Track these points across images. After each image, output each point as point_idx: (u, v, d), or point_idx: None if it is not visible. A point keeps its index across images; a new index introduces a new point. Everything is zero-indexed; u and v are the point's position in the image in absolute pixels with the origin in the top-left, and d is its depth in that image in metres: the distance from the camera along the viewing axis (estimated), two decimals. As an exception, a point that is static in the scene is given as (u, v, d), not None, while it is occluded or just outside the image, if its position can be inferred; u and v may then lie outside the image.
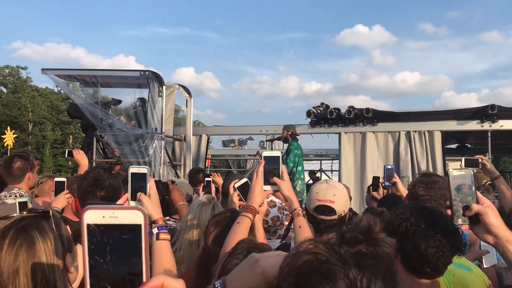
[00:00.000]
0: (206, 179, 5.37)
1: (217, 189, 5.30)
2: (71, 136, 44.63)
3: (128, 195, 1.85)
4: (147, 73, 9.00)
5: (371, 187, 4.31)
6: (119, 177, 5.32)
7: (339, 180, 9.96)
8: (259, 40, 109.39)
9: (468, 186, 1.43)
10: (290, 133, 8.21)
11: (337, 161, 12.06)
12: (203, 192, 4.85)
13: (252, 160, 17.14)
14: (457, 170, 1.46)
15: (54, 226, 1.31)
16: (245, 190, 2.67)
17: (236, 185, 2.68)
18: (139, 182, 1.85)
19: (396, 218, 1.62)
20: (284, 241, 2.69)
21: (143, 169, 1.88)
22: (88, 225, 0.87)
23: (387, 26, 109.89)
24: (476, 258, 2.60)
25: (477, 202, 1.42)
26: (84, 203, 2.17)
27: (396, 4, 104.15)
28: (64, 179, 3.31)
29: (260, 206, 1.89)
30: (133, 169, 1.88)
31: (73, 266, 1.36)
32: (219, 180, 5.45)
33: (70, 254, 1.35)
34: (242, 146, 17.17)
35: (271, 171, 1.88)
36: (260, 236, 1.99)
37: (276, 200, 2.83)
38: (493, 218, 1.37)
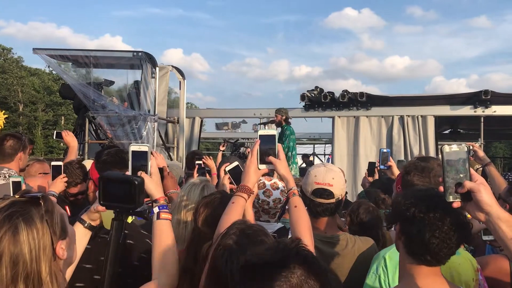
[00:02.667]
0: (197, 162, 5.32)
1: (208, 171, 5.29)
2: (63, 117, 44.27)
3: (129, 173, 1.81)
4: (140, 54, 8.87)
5: (367, 172, 4.34)
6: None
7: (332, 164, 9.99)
8: (249, 22, 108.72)
9: (462, 162, 1.40)
10: (284, 117, 8.19)
11: (330, 145, 12.10)
12: (197, 174, 4.84)
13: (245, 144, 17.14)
14: (450, 146, 1.43)
15: (44, 213, 1.28)
16: (236, 173, 2.66)
17: (227, 168, 2.67)
18: (140, 160, 1.81)
19: (406, 202, 1.60)
20: (279, 222, 2.70)
21: (144, 147, 1.83)
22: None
23: (376, 9, 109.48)
24: (476, 231, 2.59)
25: (470, 179, 1.40)
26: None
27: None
28: (60, 163, 3.25)
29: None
30: (133, 147, 1.83)
31: (66, 251, 1.34)
32: (211, 163, 5.43)
33: (63, 241, 1.34)
34: (235, 129, 17.13)
35: (266, 150, 1.85)
36: (250, 217, 1.98)
37: (280, 182, 2.82)
38: (486, 196, 1.36)
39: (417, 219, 1.56)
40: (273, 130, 1.91)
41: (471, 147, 3.45)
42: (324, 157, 15.44)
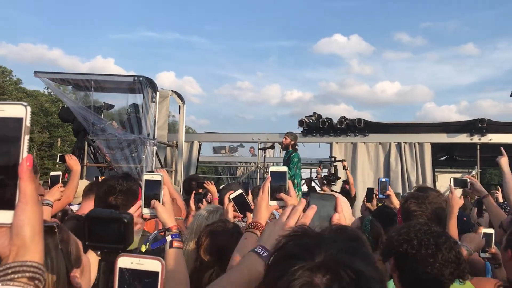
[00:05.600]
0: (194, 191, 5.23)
1: (205, 196, 5.26)
2: (59, 139, 44.19)
3: (141, 202, 1.84)
4: (141, 78, 8.97)
5: (365, 198, 4.36)
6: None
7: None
8: (242, 46, 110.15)
9: None
10: (293, 142, 7.85)
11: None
12: (193, 200, 4.81)
13: (242, 168, 17.16)
14: None
15: (59, 242, 1.30)
16: (240, 202, 2.68)
17: (231, 196, 2.69)
18: (153, 189, 1.83)
19: (399, 238, 1.63)
20: None
21: (157, 176, 1.85)
22: (120, 269, 1.15)
23: (364, 35, 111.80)
24: (477, 249, 2.59)
25: None
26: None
27: (370, 13, 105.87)
28: (59, 173, 3.30)
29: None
30: (147, 176, 1.86)
31: (80, 279, 1.36)
32: (212, 188, 5.41)
33: (77, 269, 1.35)
34: (232, 153, 17.18)
35: (277, 187, 1.85)
36: None
37: (276, 212, 2.84)
38: None
39: (410, 255, 1.59)
40: (284, 167, 1.89)
41: (468, 180, 3.55)
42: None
